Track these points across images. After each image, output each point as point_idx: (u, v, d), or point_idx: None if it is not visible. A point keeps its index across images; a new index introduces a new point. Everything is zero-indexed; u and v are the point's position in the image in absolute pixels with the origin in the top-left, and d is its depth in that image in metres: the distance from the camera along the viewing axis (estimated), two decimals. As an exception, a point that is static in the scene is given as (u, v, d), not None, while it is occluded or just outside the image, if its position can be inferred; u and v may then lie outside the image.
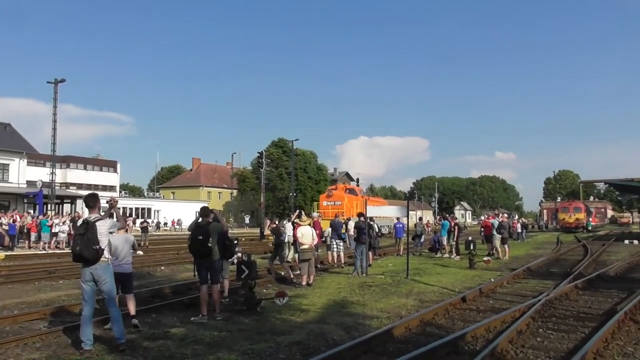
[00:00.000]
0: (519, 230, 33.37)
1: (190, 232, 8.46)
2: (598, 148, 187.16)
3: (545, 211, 77.76)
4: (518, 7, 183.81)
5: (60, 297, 10.44)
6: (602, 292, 10.86)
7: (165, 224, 58.97)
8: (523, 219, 51.33)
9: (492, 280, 12.58)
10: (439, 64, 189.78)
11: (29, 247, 24.69)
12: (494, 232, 19.49)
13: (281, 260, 13.49)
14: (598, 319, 8.03)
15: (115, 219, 6.63)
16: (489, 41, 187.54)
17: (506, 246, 19.77)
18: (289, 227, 14.85)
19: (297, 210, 17.72)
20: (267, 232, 16.35)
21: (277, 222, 16.03)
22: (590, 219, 56.23)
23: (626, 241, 31.20)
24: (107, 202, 6.94)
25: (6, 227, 23.40)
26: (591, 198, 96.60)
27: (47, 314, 8.35)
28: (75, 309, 8.37)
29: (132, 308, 7.45)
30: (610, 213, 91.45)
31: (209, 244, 8.11)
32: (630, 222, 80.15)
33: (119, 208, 7.02)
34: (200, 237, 8.07)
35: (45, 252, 22.69)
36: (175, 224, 58.10)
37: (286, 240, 14.54)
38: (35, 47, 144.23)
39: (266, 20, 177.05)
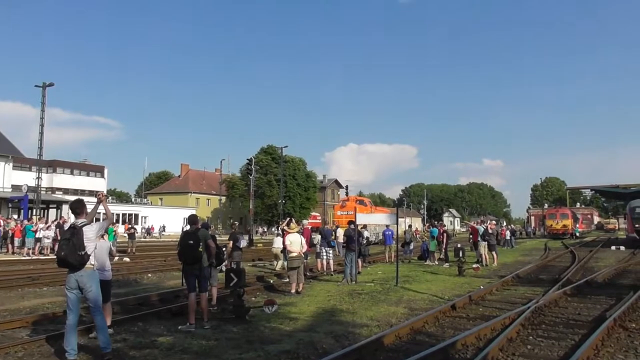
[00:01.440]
0: (508, 237, 33.56)
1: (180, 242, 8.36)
2: (584, 155, 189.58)
3: (532, 218, 78.38)
4: (508, 11, 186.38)
5: (44, 305, 10.21)
6: (591, 299, 10.92)
7: (148, 229, 55.60)
8: (512, 225, 51.64)
9: (482, 287, 12.57)
10: (428, 72, 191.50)
11: (12, 253, 24.27)
12: (479, 239, 19.50)
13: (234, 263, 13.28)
14: (587, 325, 8.04)
15: (102, 220, 6.57)
16: (477, 48, 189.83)
17: (494, 253, 19.81)
18: (278, 240, 14.65)
19: (287, 218, 17.64)
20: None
21: (236, 228, 15.73)
22: (578, 225, 56.77)
23: (613, 247, 31.50)
24: (95, 195, 6.90)
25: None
26: (577, 204, 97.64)
27: (30, 322, 8.16)
28: (60, 317, 8.18)
29: (108, 318, 7.31)
30: (596, 219, 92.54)
31: (200, 249, 8.06)
32: (617, 228, 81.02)
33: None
34: (192, 242, 8.01)
35: (29, 257, 22.33)
36: (154, 230, 54.57)
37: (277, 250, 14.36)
38: (23, 50, 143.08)
39: (255, 26, 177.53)
